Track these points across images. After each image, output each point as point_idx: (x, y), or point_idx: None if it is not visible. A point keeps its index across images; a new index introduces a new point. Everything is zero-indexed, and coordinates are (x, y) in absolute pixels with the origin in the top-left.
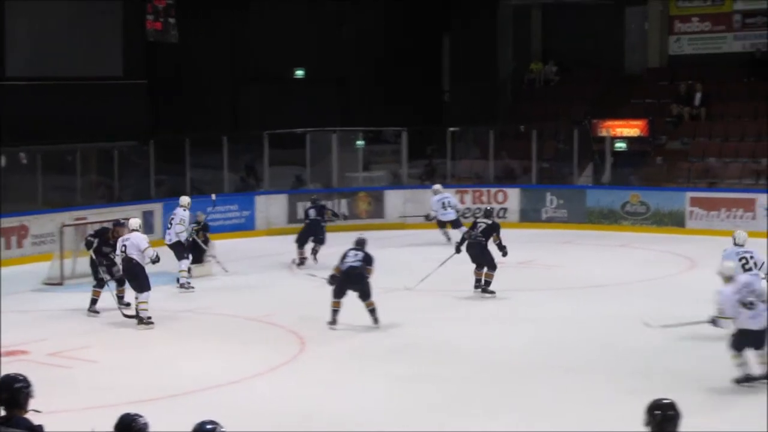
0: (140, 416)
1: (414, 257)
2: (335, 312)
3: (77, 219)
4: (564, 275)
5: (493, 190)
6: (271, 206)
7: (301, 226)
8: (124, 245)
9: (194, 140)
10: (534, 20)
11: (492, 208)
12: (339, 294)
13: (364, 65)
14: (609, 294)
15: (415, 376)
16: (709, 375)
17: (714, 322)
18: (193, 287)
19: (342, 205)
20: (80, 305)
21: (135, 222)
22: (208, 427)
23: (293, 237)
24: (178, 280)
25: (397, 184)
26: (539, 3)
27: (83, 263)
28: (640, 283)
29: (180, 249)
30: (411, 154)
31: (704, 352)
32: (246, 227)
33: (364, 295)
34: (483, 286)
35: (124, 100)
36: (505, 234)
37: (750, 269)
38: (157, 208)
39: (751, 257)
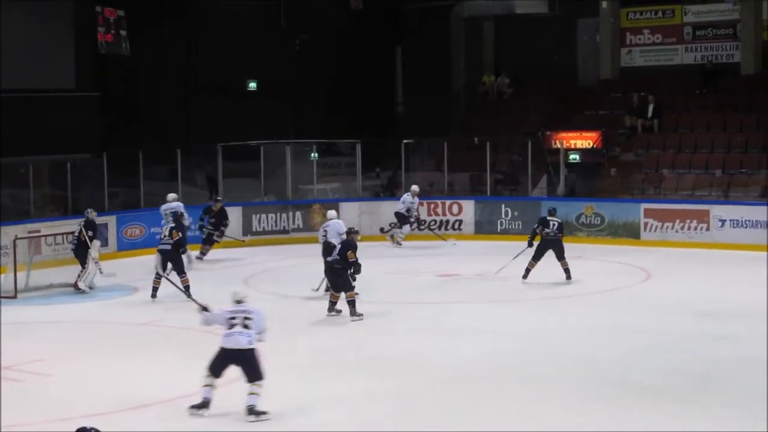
0: (96, 430)
1: (372, 269)
2: (332, 303)
3: (31, 232)
4: (521, 287)
5: (448, 202)
6: None
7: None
8: (325, 231)
9: (148, 153)
10: (486, 33)
11: (555, 208)
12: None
13: (318, 77)
14: (566, 305)
15: (375, 389)
16: (668, 384)
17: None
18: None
19: (297, 218)
20: (34, 318)
21: (333, 212)
22: None
23: (248, 249)
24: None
25: (352, 196)
26: (491, 15)
27: (37, 276)
28: (597, 295)
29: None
30: (365, 167)
31: (659, 362)
32: (200, 239)
33: (336, 287)
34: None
35: (77, 113)
36: (461, 246)
37: None
38: (111, 220)
39: None
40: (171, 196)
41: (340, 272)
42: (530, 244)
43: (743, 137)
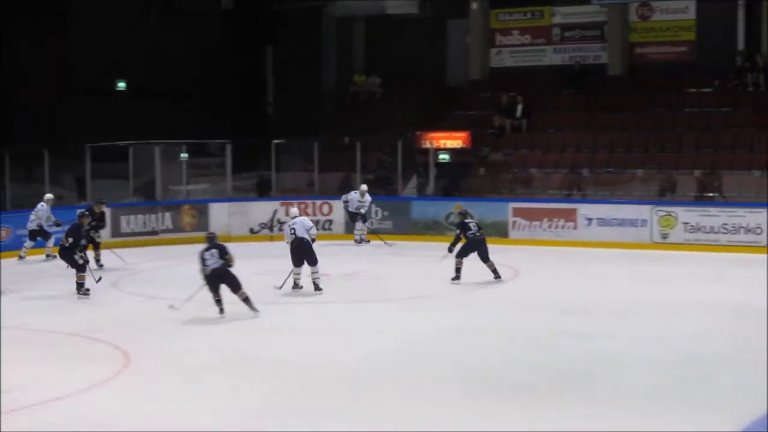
0: None
1: (241, 270)
2: (218, 301)
3: None
4: (390, 287)
5: (318, 202)
6: None
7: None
8: (293, 228)
9: (15, 154)
10: (357, 33)
11: (466, 210)
12: (214, 290)
13: (190, 77)
14: (436, 305)
15: (242, 391)
16: (534, 382)
17: None
18: None
19: (166, 219)
20: None
21: (295, 210)
22: None
23: (117, 251)
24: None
25: (221, 197)
26: (362, 16)
27: None
28: (466, 294)
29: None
30: (236, 167)
31: (526, 360)
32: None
33: (234, 288)
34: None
35: None
36: (331, 246)
37: None
38: None
39: None
40: (48, 197)
41: (223, 277)
42: (450, 250)
43: (610, 137)
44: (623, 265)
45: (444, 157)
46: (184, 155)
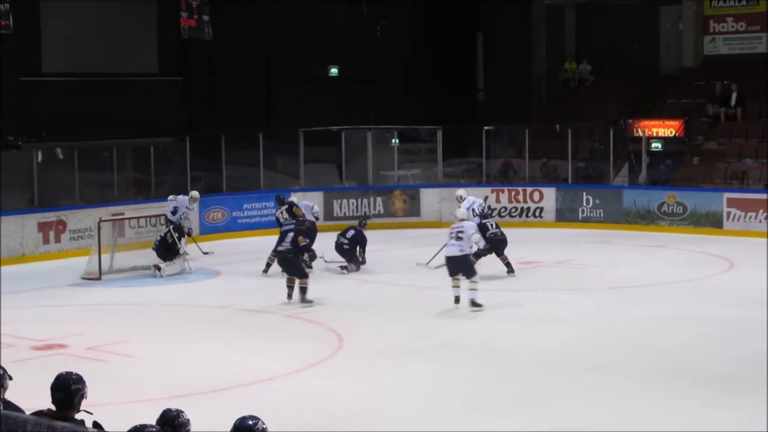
0: (182, 412)
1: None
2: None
3: (114, 214)
4: (600, 275)
5: (529, 189)
6: None
7: (338, 223)
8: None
9: (230, 137)
10: (568, 19)
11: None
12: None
13: (398, 63)
14: (646, 294)
15: (447, 375)
16: (739, 374)
17: None
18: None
19: (378, 203)
20: (117, 300)
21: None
22: (250, 422)
23: (329, 235)
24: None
25: (432, 182)
26: (573, 2)
27: (120, 258)
28: (678, 284)
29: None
30: (446, 153)
31: (734, 353)
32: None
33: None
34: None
35: (160, 97)
36: (541, 233)
37: None
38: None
39: None
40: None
41: (292, 260)
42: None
43: None
44: None
45: (657, 145)
46: (395, 141)
